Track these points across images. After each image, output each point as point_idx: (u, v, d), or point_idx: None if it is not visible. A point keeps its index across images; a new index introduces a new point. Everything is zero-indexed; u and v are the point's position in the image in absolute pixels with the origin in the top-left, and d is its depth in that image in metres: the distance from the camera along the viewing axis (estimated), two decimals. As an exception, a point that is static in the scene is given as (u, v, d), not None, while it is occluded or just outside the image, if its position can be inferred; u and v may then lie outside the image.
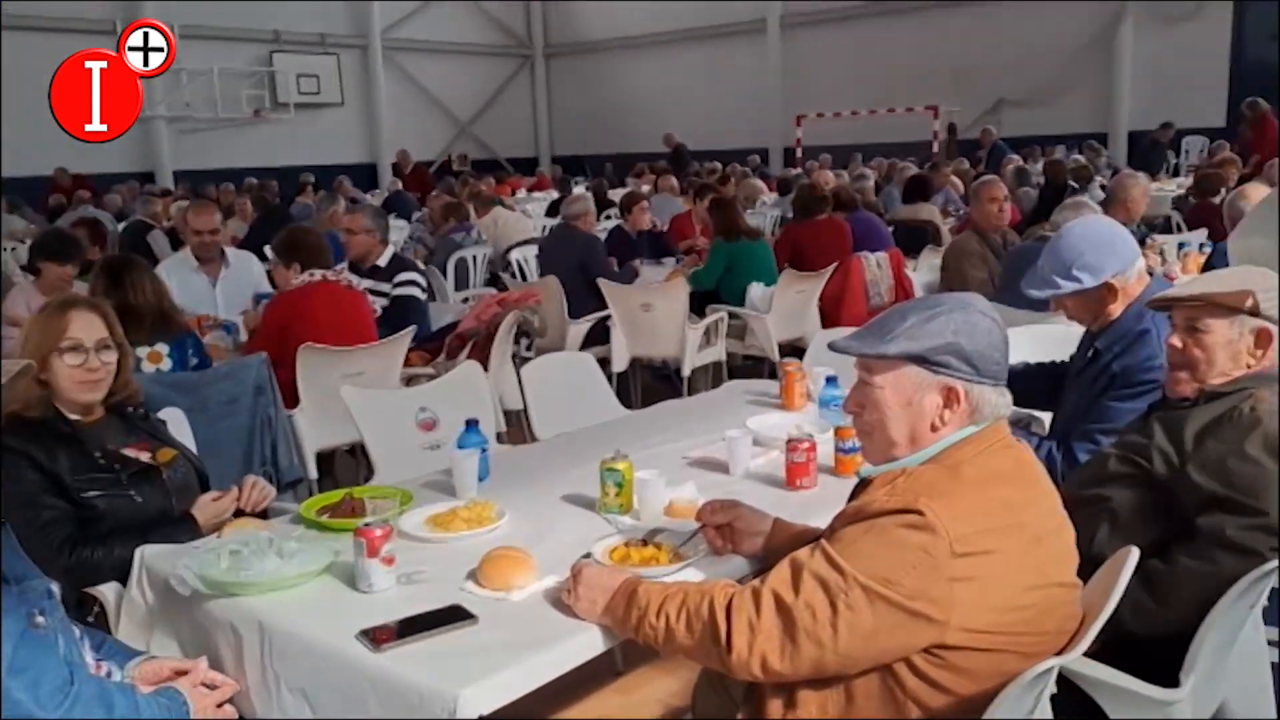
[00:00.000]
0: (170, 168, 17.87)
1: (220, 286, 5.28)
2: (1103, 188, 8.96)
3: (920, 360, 1.66)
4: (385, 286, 4.82)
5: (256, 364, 3.72)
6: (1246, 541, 1.89)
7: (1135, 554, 1.71)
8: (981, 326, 1.66)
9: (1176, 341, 2.11)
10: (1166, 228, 8.41)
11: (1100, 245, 2.61)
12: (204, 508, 2.47)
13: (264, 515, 2.57)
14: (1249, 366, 2.05)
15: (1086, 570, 1.73)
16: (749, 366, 6.51)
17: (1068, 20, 17.27)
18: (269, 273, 5.10)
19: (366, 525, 1.97)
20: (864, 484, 1.75)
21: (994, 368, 1.67)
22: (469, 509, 2.28)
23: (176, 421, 2.96)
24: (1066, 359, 2.95)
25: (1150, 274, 2.79)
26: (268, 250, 5.17)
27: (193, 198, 11.92)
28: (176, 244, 8.75)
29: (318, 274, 4.18)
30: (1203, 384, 2.07)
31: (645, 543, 2.07)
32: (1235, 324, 2.05)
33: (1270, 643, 2.20)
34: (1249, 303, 2.03)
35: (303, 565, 2.01)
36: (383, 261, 4.92)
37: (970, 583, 1.52)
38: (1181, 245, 5.96)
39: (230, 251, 5.52)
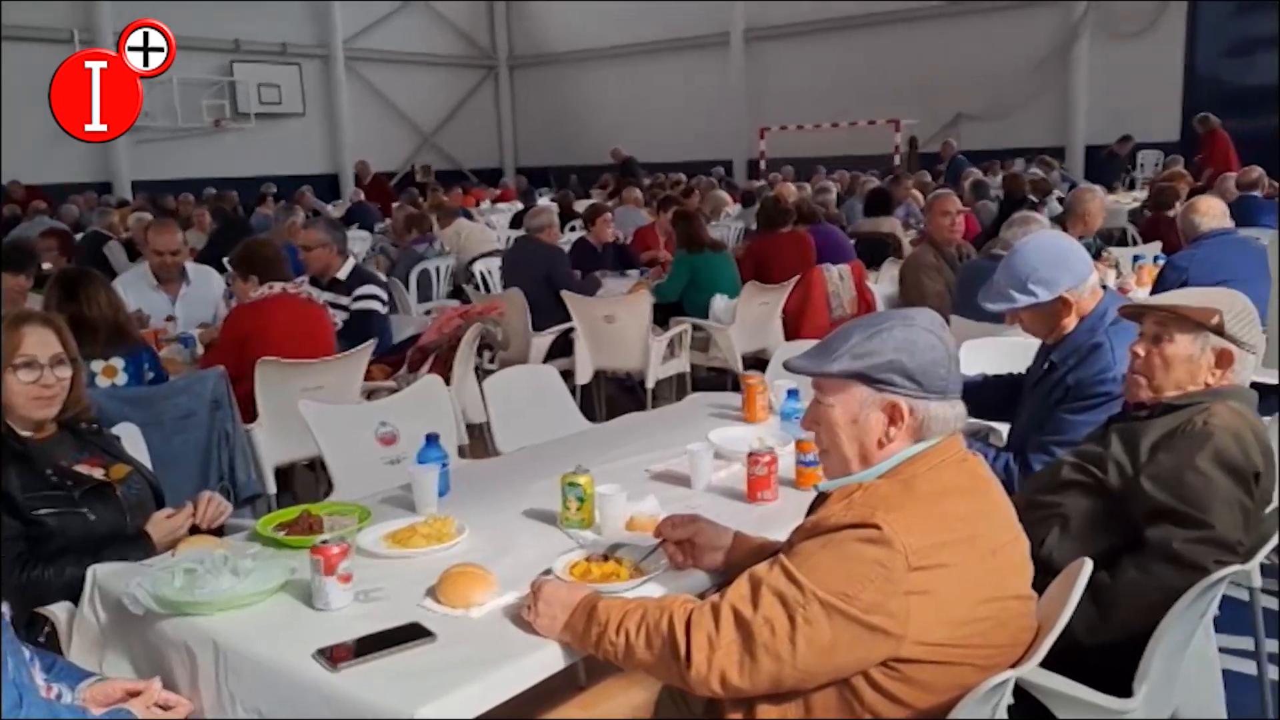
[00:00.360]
0: (128, 178, 17.63)
1: (180, 306, 5.17)
2: (1060, 201, 9.10)
3: (864, 378, 1.69)
4: (345, 300, 4.77)
5: (214, 378, 3.67)
6: (1191, 555, 1.92)
7: (1089, 565, 1.74)
8: (924, 342, 1.68)
9: (1140, 349, 2.16)
10: (1122, 240, 8.57)
11: (1054, 260, 2.65)
12: (158, 525, 2.43)
13: (220, 532, 2.54)
14: (1207, 385, 2.09)
15: (1038, 576, 1.75)
16: (712, 378, 6.53)
17: (1025, 36, 17.54)
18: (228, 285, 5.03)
19: (323, 543, 1.95)
20: (822, 498, 1.76)
21: (939, 383, 1.68)
22: (428, 525, 2.27)
23: (131, 437, 2.92)
24: (1024, 371, 2.99)
25: (1104, 287, 2.84)
26: (227, 262, 5.12)
27: (151, 208, 11.81)
28: (134, 255, 8.64)
29: (277, 286, 4.14)
30: (1158, 393, 2.11)
31: (606, 558, 2.07)
32: (1199, 340, 2.10)
33: (1221, 650, 2.24)
34: (1215, 320, 2.08)
35: (258, 583, 1.98)
36: (342, 275, 4.87)
37: (926, 596, 1.53)
38: (1136, 258, 6.06)
39: (191, 268, 5.41)
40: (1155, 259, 5.96)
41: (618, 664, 1.74)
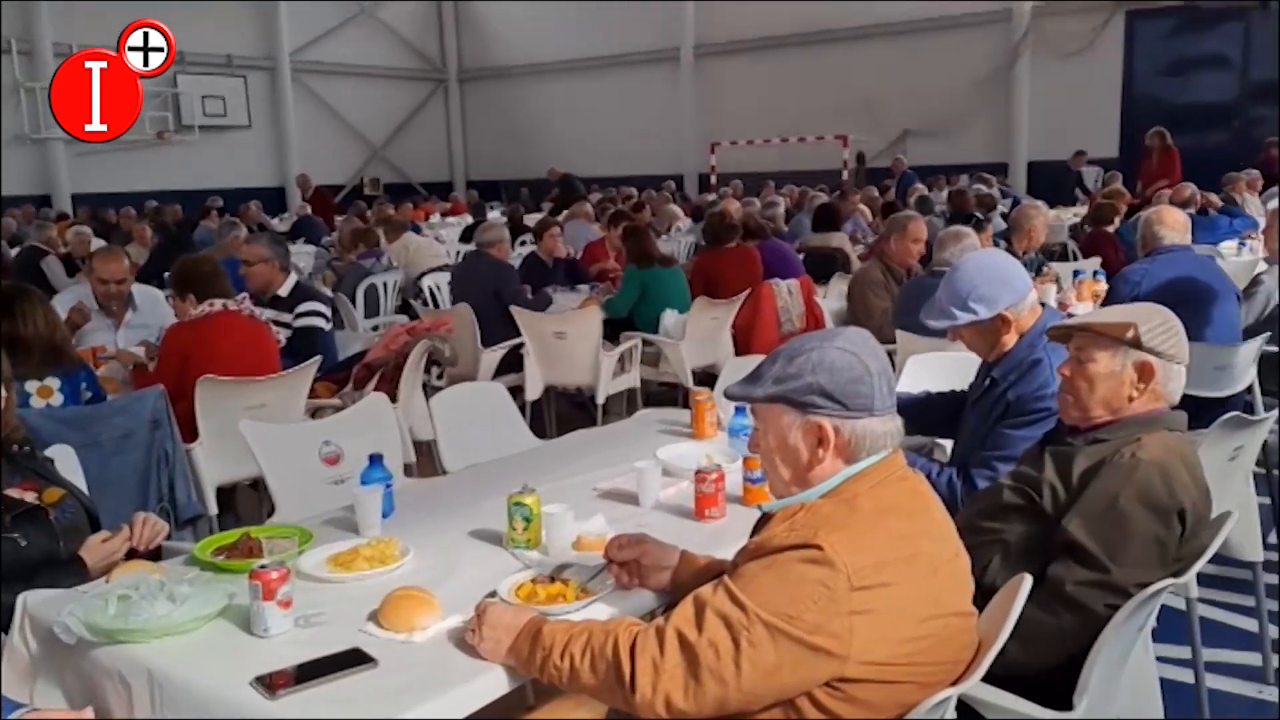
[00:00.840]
0: (68, 190, 17.28)
1: (123, 333, 4.97)
2: (1004, 216, 9.26)
3: (787, 401, 1.71)
4: (287, 317, 4.70)
5: (153, 397, 3.59)
6: (1080, 597, 1.94)
7: (1028, 581, 1.76)
8: (841, 362, 1.69)
9: (1066, 370, 2.19)
10: (1063, 255, 8.73)
11: (994, 278, 2.69)
12: (93, 549, 2.37)
13: (157, 555, 2.48)
14: (1131, 399, 2.11)
15: (980, 600, 1.77)
16: (664, 393, 6.54)
17: (969, 55, 17.87)
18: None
19: (262, 567, 1.91)
20: (766, 518, 1.77)
21: (862, 400, 1.68)
22: (371, 547, 2.24)
23: (66, 459, 2.84)
24: (966, 388, 3.02)
25: (1043, 305, 2.88)
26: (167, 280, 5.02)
27: (91, 222, 11.58)
28: (72, 270, 8.47)
29: (217, 304, 4.07)
30: (1086, 413, 2.13)
31: (552, 579, 2.05)
32: (1118, 355, 2.11)
33: (1160, 659, 2.28)
34: (1129, 334, 2.09)
35: (195, 609, 1.93)
36: (284, 291, 4.78)
37: (869, 615, 1.53)
38: (1076, 273, 6.17)
39: (139, 293, 5.17)
40: (1095, 274, 6.09)
41: (563, 688, 1.73)
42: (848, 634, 1.53)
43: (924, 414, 2.92)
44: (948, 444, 3.04)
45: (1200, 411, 3.78)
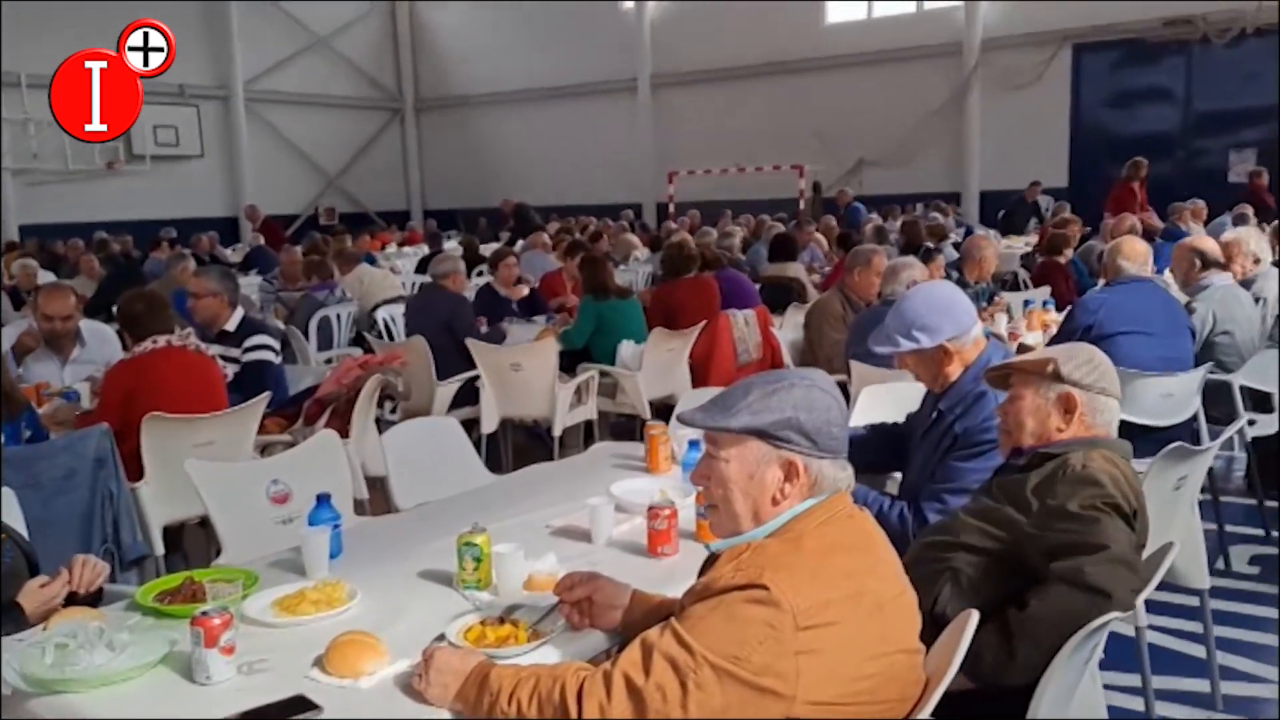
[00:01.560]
0: (16, 221, 16.97)
1: (70, 369, 4.84)
2: (955, 246, 9.39)
3: (762, 434, 1.70)
4: (235, 352, 4.61)
5: (97, 435, 3.51)
6: (1102, 580, 1.94)
7: (975, 617, 1.76)
8: (821, 403, 1.71)
9: (1002, 411, 2.31)
10: (1014, 285, 8.86)
11: (938, 309, 2.75)
12: (32, 595, 2.30)
13: (98, 597, 2.43)
14: (1060, 430, 2.17)
15: (929, 632, 1.78)
16: (622, 424, 6.53)
17: (921, 86, 18.19)
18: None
19: (204, 614, 1.87)
20: (712, 559, 1.76)
21: (833, 442, 1.71)
22: (318, 590, 2.20)
23: (6, 501, 2.77)
24: (903, 420, 3.05)
25: (989, 337, 2.92)
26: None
27: (39, 254, 11.38)
28: (19, 303, 8.31)
29: (160, 340, 3.97)
30: (1019, 445, 2.21)
31: (502, 620, 2.03)
32: (1041, 390, 2.21)
33: (1109, 687, 2.30)
34: (1050, 368, 2.19)
35: (135, 658, 1.89)
36: (231, 326, 4.69)
37: (815, 655, 1.53)
38: (1026, 303, 6.26)
39: (86, 329, 5.02)
40: (1045, 304, 6.18)
41: None
42: (794, 674, 1.52)
43: (868, 451, 2.94)
44: (898, 476, 3.05)
45: (1149, 441, 3.87)
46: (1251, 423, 4.60)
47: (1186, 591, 3.24)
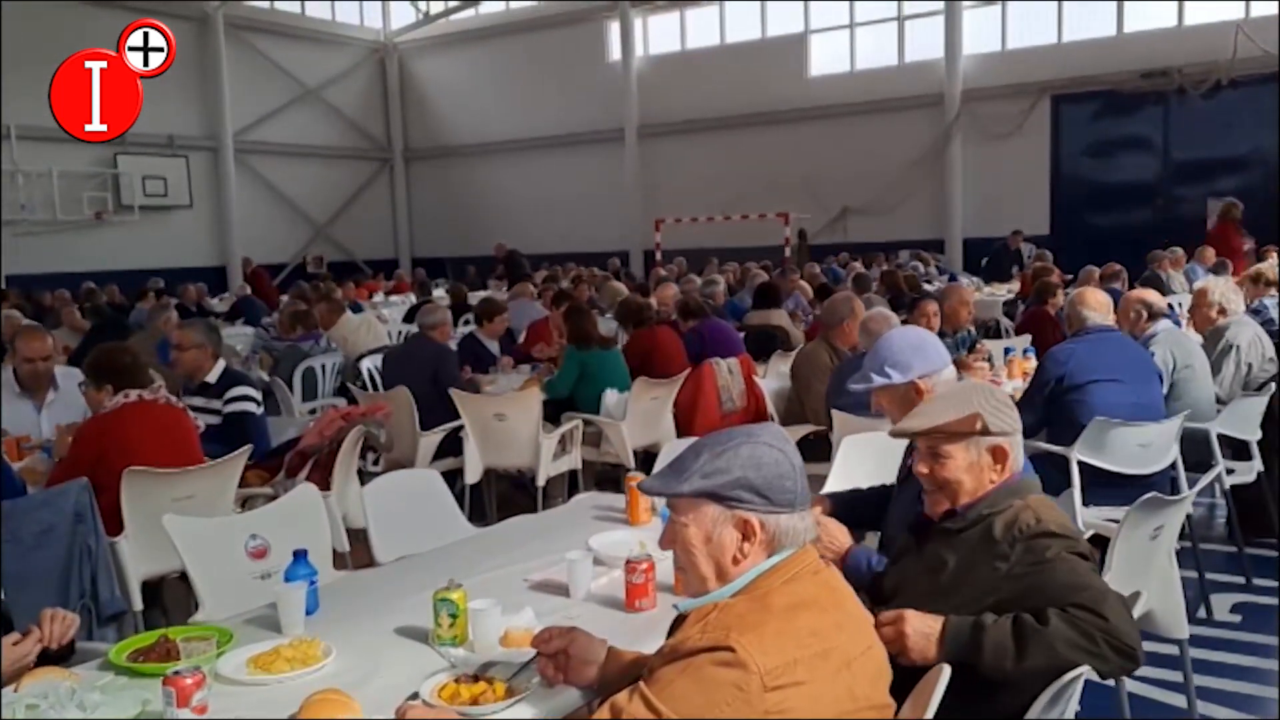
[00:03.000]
0: (3, 273, 16.97)
1: (46, 414, 4.83)
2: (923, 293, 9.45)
3: (714, 496, 1.72)
4: (216, 404, 4.60)
5: (76, 490, 3.49)
6: (1117, 618, 1.92)
7: (947, 671, 1.77)
8: (768, 458, 1.72)
9: (924, 468, 2.20)
10: (996, 332, 8.92)
11: (909, 348, 2.85)
12: (4, 653, 2.28)
13: (70, 652, 2.40)
14: (993, 481, 2.15)
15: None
16: (608, 471, 6.52)
17: (904, 136, 18.48)
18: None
19: (176, 673, 1.86)
20: (681, 619, 1.76)
21: (786, 495, 1.72)
22: (293, 647, 2.18)
23: (-21, 559, 2.76)
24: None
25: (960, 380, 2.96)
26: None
27: (25, 304, 11.36)
28: (1, 353, 8.26)
29: (133, 394, 3.93)
30: (955, 502, 2.16)
31: (476, 678, 2.02)
32: (971, 447, 2.14)
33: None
34: (978, 425, 2.13)
35: (106, 718, 1.88)
36: (212, 378, 4.69)
37: (783, 715, 1.53)
38: (1008, 350, 6.31)
39: (61, 373, 5.04)
40: (1025, 352, 6.23)
41: None
42: None
43: (854, 509, 2.95)
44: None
45: (1127, 488, 3.88)
46: (1230, 471, 4.63)
47: (1168, 641, 3.23)
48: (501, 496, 6.12)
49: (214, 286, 16.91)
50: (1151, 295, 5.29)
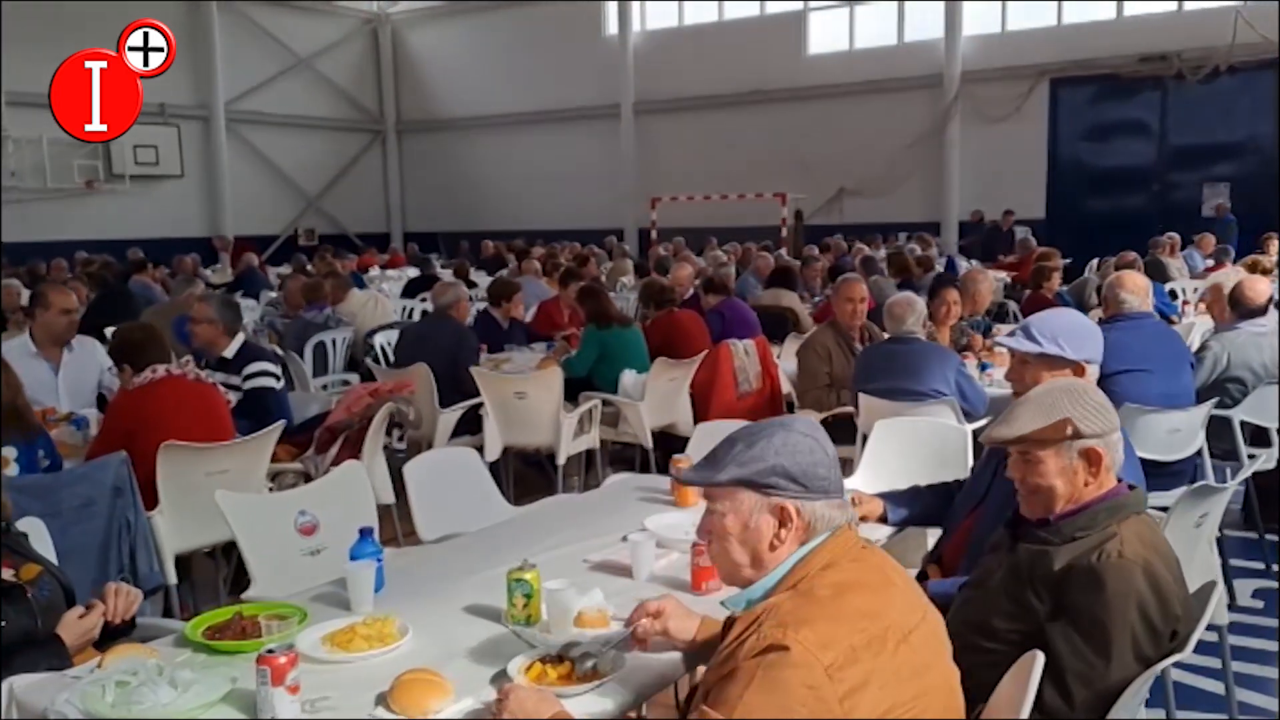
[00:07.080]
0: (-2, 240, 16.80)
1: (63, 374, 4.88)
2: (937, 277, 9.46)
3: (750, 484, 1.74)
4: (235, 379, 4.58)
5: (115, 464, 3.48)
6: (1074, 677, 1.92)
7: (1040, 659, 1.78)
8: (803, 446, 1.74)
9: (1016, 472, 2.16)
10: (1001, 316, 8.94)
11: (1085, 329, 2.79)
12: (70, 626, 2.29)
13: (132, 626, 2.41)
14: (1088, 484, 2.08)
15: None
16: (617, 451, 6.53)
17: (902, 117, 18.44)
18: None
19: (270, 651, 1.86)
20: (730, 623, 1.78)
21: (821, 483, 1.74)
22: (368, 625, 2.18)
23: (36, 532, 2.75)
24: (950, 481, 3.04)
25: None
26: (109, 332, 4.88)
27: (22, 275, 11.23)
28: (1, 323, 8.17)
29: (160, 369, 3.91)
30: (1051, 511, 2.10)
31: (560, 658, 2.03)
32: (1063, 452, 2.08)
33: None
34: (1068, 430, 2.07)
35: (200, 696, 1.88)
36: (230, 353, 4.68)
37: (860, 691, 1.54)
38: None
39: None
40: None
41: None
42: (850, 714, 1.53)
43: (915, 504, 2.95)
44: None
45: (1153, 475, 3.92)
46: (1251, 456, 4.68)
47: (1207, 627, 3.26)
48: (517, 474, 6.12)
49: (205, 258, 16.76)
50: (1257, 286, 5.06)
